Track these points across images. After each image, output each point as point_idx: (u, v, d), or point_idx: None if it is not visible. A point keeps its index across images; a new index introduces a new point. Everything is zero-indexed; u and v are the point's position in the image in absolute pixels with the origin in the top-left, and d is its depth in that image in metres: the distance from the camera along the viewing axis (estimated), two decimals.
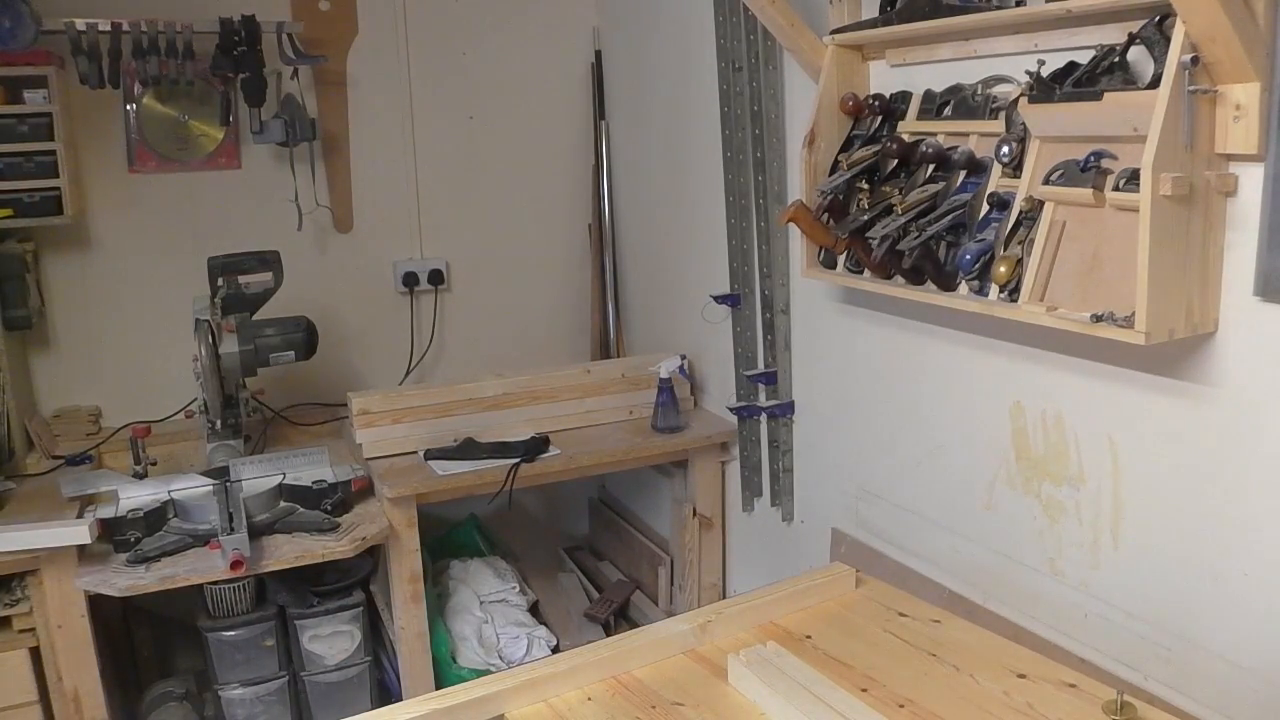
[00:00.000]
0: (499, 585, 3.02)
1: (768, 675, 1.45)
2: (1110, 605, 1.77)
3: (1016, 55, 1.76)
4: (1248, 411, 1.51)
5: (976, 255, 1.75)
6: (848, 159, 2.02)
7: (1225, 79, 1.41)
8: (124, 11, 2.68)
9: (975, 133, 1.85)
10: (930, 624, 1.66)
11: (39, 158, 2.59)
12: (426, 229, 3.31)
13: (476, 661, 2.75)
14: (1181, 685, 1.64)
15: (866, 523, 2.37)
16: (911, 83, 2.02)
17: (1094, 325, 1.52)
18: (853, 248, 2.02)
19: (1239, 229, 1.48)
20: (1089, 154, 1.57)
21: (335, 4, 3.07)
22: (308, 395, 3.12)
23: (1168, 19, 1.45)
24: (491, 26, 3.29)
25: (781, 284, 2.57)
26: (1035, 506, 1.90)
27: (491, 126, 3.34)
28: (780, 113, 2.49)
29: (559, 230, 3.52)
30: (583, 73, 3.45)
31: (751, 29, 2.50)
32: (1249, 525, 1.53)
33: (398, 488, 2.50)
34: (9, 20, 2.52)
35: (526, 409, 2.84)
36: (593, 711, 1.45)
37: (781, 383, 2.62)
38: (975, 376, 2.00)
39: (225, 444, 2.64)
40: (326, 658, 2.53)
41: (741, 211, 2.66)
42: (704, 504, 2.95)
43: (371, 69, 3.15)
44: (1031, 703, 1.42)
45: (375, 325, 3.28)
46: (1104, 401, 1.74)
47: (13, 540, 2.11)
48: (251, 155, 3.01)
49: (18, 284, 2.69)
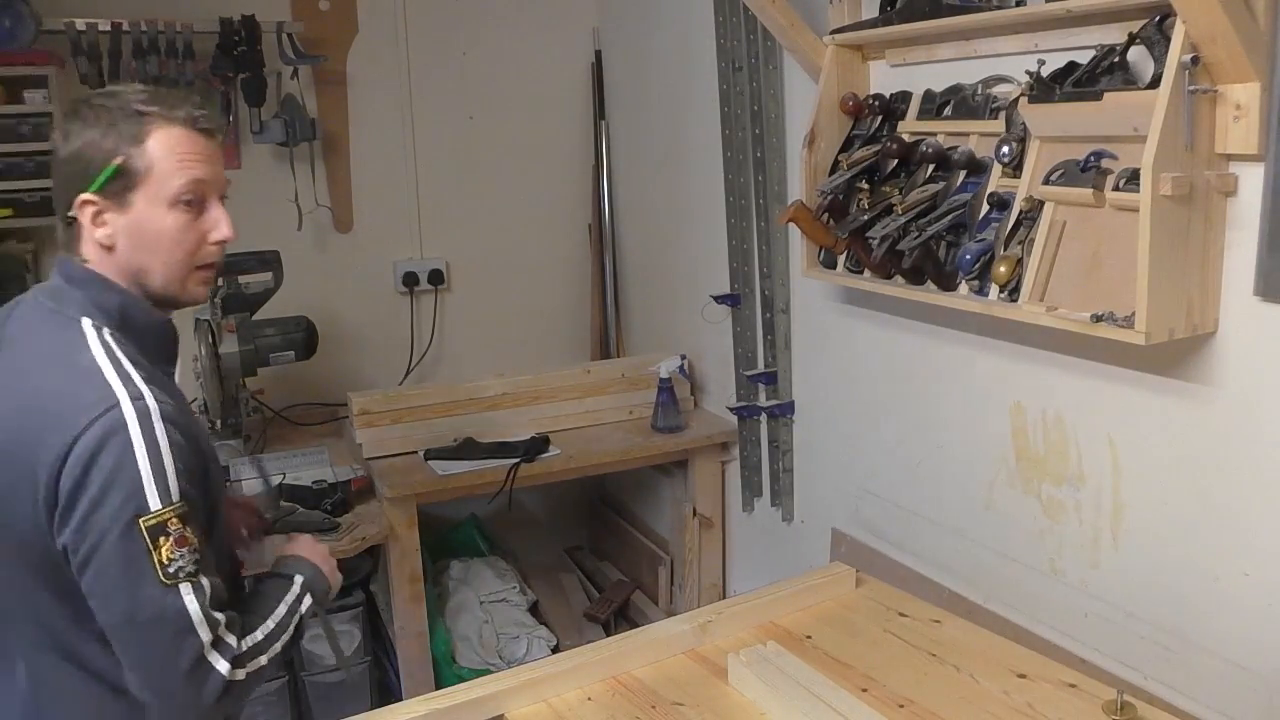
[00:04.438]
0: (499, 585, 3.02)
1: (768, 675, 1.45)
2: (1110, 605, 1.76)
3: (1016, 55, 1.76)
4: (1248, 411, 1.51)
5: (976, 255, 1.75)
6: (848, 159, 2.02)
7: (1225, 79, 1.41)
8: (124, 11, 2.68)
9: (975, 133, 1.85)
10: (930, 624, 1.66)
11: (39, 158, 2.59)
12: (426, 229, 3.31)
13: (476, 661, 2.75)
14: (1181, 685, 1.64)
15: (866, 523, 2.37)
16: (911, 83, 2.02)
17: (1094, 325, 1.52)
18: (853, 248, 2.02)
19: (1239, 229, 1.48)
20: (1089, 154, 1.57)
21: (335, 4, 3.07)
22: (308, 395, 3.12)
23: (1168, 19, 1.45)
24: (491, 27, 3.29)
25: (781, 284, 2.57)
26: (1035, 506, 1.90)
27: (491, 126, 3.34)
28: (780, 113, 2.49)
29: (559, 230, 3.51)
30: (583, 73, 3.45)
31: (751, 29, 2.50)
32: (1249, 525, 1.53)
33: (398, 488, 2.50)
34: (9, 20, 2.52)
35: (526, 409, 2.84)
36: (593, 711, 1.45)
37: (781, 383, 2.62)
38: (975, 376, 2.00)
39: (225, 444, 2.64)
40: (326, 658, 2.53)
41: (741, 211, 2.66)
42: (704, 504, 2.95)
43: (371, 69, 3.15)
44: (1031, 703, 1.42)
45: (375, 325, 3.28)
46: (1104, 401, 1.74)
47: None
48: (251, 155, 3.01)
49: (18, 284, 2.68)
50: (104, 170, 1.21)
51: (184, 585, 1.17)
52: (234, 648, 1.22)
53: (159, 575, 1.16)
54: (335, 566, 1.46)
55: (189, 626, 1.18)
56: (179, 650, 1.17)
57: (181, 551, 1.17)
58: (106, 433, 1.15)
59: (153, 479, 1.16)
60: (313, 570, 1.41)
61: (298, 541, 1.47)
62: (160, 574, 1.16)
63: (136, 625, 1.17)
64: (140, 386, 1.19)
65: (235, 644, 1.22)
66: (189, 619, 1.18)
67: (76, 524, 1.15)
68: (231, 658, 1.21)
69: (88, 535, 1.15)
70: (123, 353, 1.22)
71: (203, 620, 1.18)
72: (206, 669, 1.18)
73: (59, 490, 1.15)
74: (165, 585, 1.16)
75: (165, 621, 1.17)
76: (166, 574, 1.16)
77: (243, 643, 1.24)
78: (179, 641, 1.17)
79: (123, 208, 1.24)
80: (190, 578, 1.18)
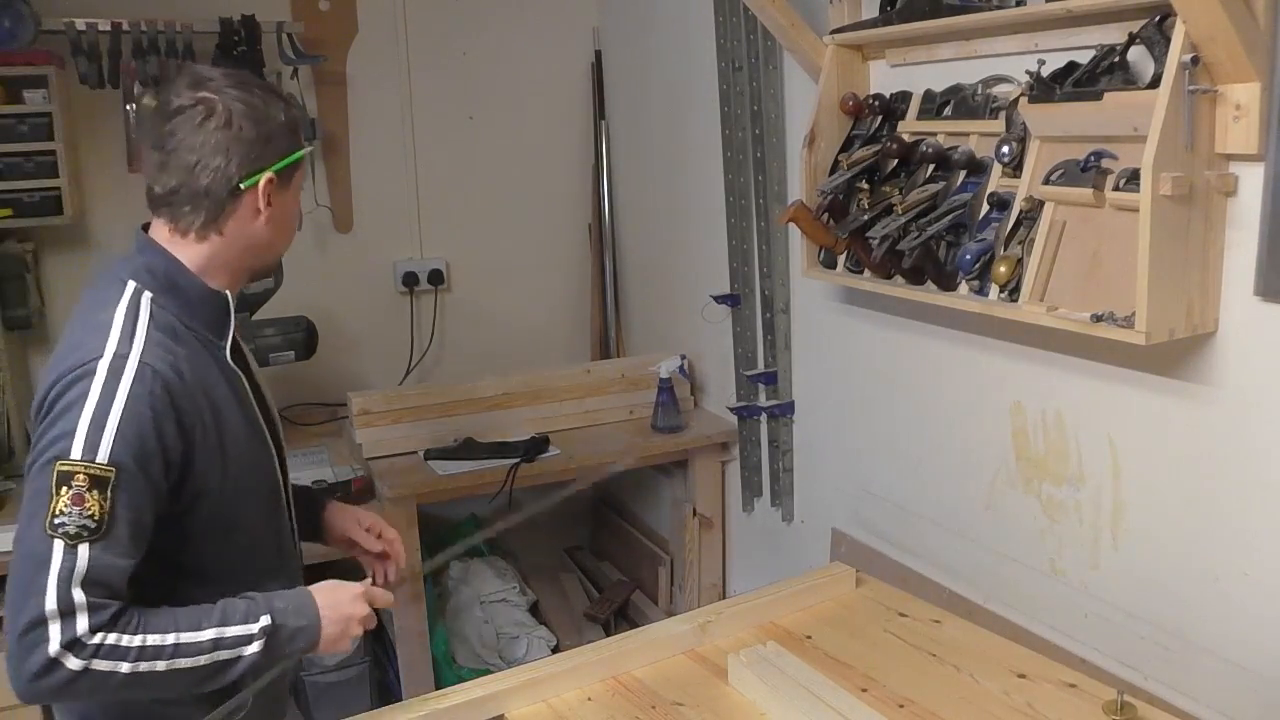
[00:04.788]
0: (499, 585, 3.02)
1: (768, 675, 1.45)
2: (1110, 605, 1.76)
3: (1016, 55, 1.76)
4: (1248, 411, 1.51)
5: (976, 255, 1.75)
6: (848, 159, 2.02)
7: (1225, 79, 1.41)
8: (124, 11, 2.68)
9: (975, 133, 1.85)
10: (930, 624, 1.66)
11: (39, 158, 2.59)
12: (426, 229, 3.31)
13: (476, 661, 2.75)
14: (1181, 685, 1.64)
15: (866, 523, 2.37)
16: (911, 83, 2.02)
17: (1094, 325, 1.52)
18: (853, 248, 2.02)
19: (1239, 229, 1.48)
20: (1089, 154, 1.57)
21: (335, 4, 3.07)
22: (308, 395, 3.12)
23: (1168, 19, 1.45)
24: (491, 27, 3.29)
25: (781, 284, 2.57)
26: (1035, 506, 1.90)
27: (491, 126, 3.34)
28: (780, 113, 2.49)
29: (559, 230, 3.51)
30: (583, 73, 3.45)
31: (751, 29, 2.50)
32: (1249, 525, 1.53)
33: (398, 488, 2.50)
34: (9, 20, 2.52)
35: (526, 409, 2.84)
36: (593, 711, 1.45)
37: (781, 383, 2.62)
38: (975, 376, 2.00)
39: None
40: (326, 658, 2.53)
41: (741, 211, 2.66)
42: (704, 504, 2.95)
43: (371, 69, 3.15)
44: (1031, 703, 1.42)
45: (375, 325, 3.28)
46: (1104, 401, 1.74)
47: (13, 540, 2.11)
48: None
49: (18, 284, 2.68)
50: (292, 155, 1.33)
51: (58, 543, 1.16)
52: (81, 632, 1.15)
53: (46, 520, 1.16)
54: (354, 625, 1.33)
55: (41, 587, 1.15)
56: (24, 606, 1.15)
57: (74, 510, 1.15)
58: (75, 378, 1.20)
59: (86, 430, 1.17)
60: (300, 621, 1.28)
61: (325, 583, 1.36)
62: (47, 520, 1.16)
63: (15, 553, 1.20)
64: (133, 345, 1.22)
65: (86, 630, 1.15)
66: (44, 579, 1.15)
67: (31, 448, 1.22)
68: (69, 641, 1.14)
69: (29, 457, 1.22)
70: (151, 315, 1.27)
71: (54, 589, 1.15)
72: (39, 639, 1.14)
73: (34, 420, 1.24)
74: (46, 533, 1.16)
75: (28, 565, 1.17)
76: (51, 524, 1.16)
77: (105, 635, 1.17)
78: (28, 596, 1.15)
79: (282, 188, 1.33)
80: (68, 539, 1.15)
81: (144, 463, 1.20)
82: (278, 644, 1.26)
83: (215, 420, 1.29)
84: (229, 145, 1.27)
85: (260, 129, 1.29)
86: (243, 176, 1.28)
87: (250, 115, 1.28)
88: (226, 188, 1.28)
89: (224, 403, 1.32)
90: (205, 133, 1.26)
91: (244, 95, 1.29)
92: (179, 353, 1.27)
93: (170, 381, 1.23)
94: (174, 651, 1.20)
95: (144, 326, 1.25)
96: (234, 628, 1.24)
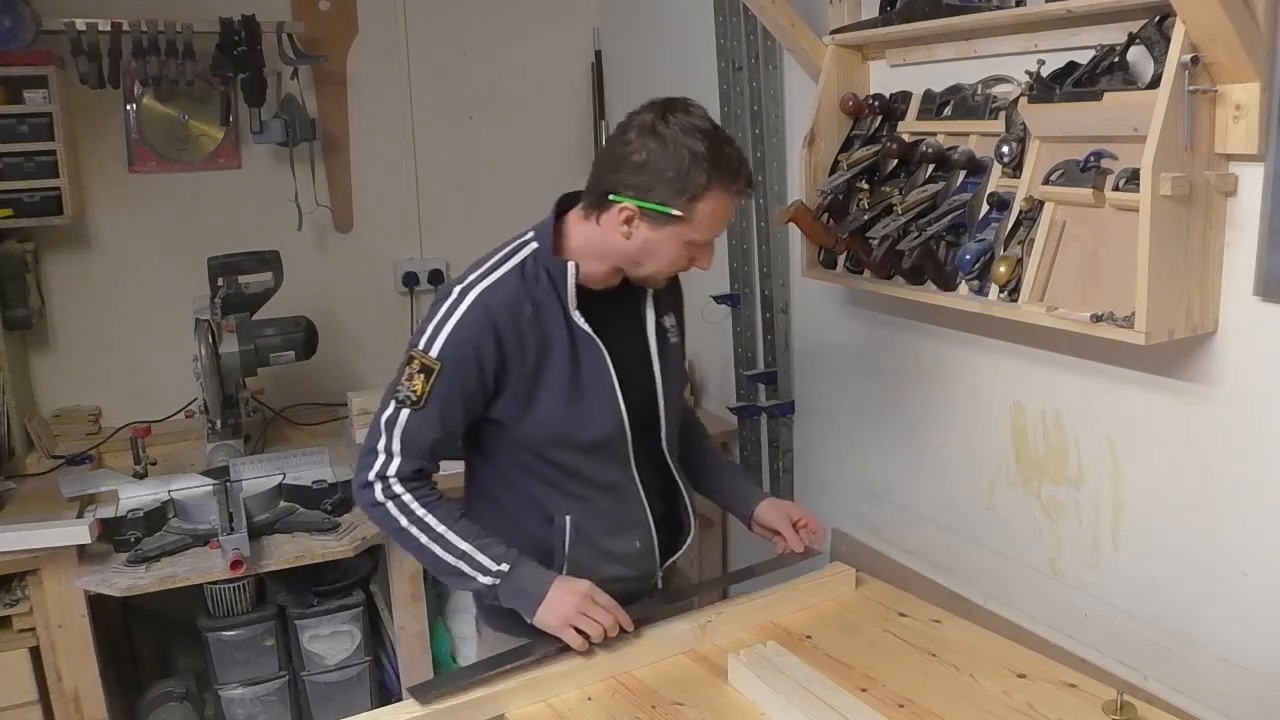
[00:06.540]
0: None
1: (768, 675, 1.45)
2: (1110, 605, 1.77)
3: (1016, 55, 1.76)
4: (1247, 411, 1.51)
5: (976, 255, 1.75)
6: (848, 159, 2.03)
7: (1225, 79, 1.41)
8: (124, 11, 2.68)
9: (975, 133, 1.85)
10: (930, 624, 1.66)
11: (39, 158, 2.59)
12: (426, 229, 3.31)
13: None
14: (1181, 685, 1.64)
15: (867, 523, 2.37)
16: (911, 83, 2.02)
17: (1094, 325, 1.52)
18: (853, 248, 2.02)
19: (1239, 229, 1.48)
20: (1089, 154, 1.57)
21: (335, 4, 3.07)
22: (308, 395, 3.12)
23: (1168, 19, 1.45)
24: (491, 27, 3.29)
25: (781, 284, 2.57)
26: (1035, 506, 1.90)
27: (491, 126, 3.34)
28: (780, 113, 2.49)
29: None
30: (583, 73, 3.45)
31: (751, 29, 2.50)
32: (1249, 525, 1.53)
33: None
34: (9, 20, 2.52)
35: None
36: (593, 711, 1.45)
37: (781, 383, 2.62)
38: (975, 376, 2.00)
39: (225, 444, 2.64)
40: (326, 658, 2.53)
41: (741, 211, 2.66)
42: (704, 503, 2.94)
43: (371, 69, 3.15)
44: (1031, 703, 1.42)
45: (375, 325, 3.27)
46: (1104, 401, 1.74)
47: (13, 540, 2.11)
48: (251, 155, 3.01)
49: (18, 284, 2.68)
50: (657, 206, 1.47)
51: (393, 403, 1.53)
52: (390, 474, 1.53)
53: (394, 388, 1.54)
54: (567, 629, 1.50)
55: (379, 429, 1.54)
56: (371, 434, 1.55)
57: (408, 387, 1.52)
58: (441, 295, 1.56)
59: (431, 330, 1.52)
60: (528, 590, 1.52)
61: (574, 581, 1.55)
62: (395, 388, 1.53)
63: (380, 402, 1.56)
64: (485, 279, 1.54)
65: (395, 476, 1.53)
66: (379, 427, 1.54)
67: None
68: (380, 474, 1.53)
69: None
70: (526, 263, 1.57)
71: (384, 433, 1.53)
72: (369, 462, 1.54)
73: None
74: (394, 398, 1.53)
75: (380, 415, 1.55)
76: (395, 393, 1.53)
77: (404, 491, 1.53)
78: (375, 432, 1.55)
79: (652, 228, 1.49)
80: (401, 404, 1.52)
81: (459, 366, 1.50)
82: (501, 592, 1.53)
83: (537, 364, 1.53)
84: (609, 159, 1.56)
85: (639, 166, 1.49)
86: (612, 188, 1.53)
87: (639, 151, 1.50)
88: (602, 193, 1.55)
89: (556, 356, 1.54)
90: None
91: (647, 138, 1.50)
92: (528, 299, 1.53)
93: (504, 311, 1.51)
94: (436, 538, 1.53)
95: (509, 268, 1.56)
96: (483, 557, 1.53)
